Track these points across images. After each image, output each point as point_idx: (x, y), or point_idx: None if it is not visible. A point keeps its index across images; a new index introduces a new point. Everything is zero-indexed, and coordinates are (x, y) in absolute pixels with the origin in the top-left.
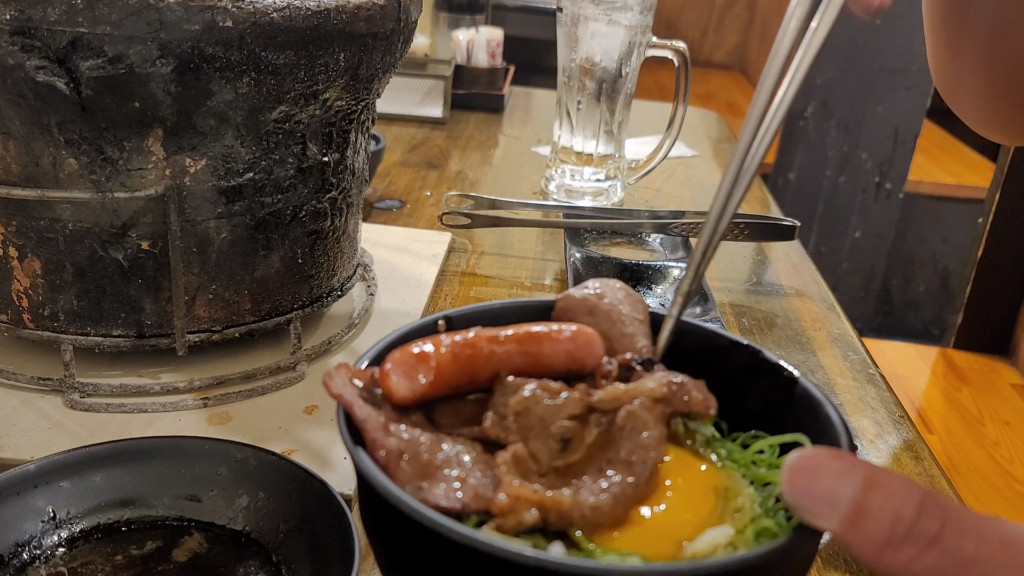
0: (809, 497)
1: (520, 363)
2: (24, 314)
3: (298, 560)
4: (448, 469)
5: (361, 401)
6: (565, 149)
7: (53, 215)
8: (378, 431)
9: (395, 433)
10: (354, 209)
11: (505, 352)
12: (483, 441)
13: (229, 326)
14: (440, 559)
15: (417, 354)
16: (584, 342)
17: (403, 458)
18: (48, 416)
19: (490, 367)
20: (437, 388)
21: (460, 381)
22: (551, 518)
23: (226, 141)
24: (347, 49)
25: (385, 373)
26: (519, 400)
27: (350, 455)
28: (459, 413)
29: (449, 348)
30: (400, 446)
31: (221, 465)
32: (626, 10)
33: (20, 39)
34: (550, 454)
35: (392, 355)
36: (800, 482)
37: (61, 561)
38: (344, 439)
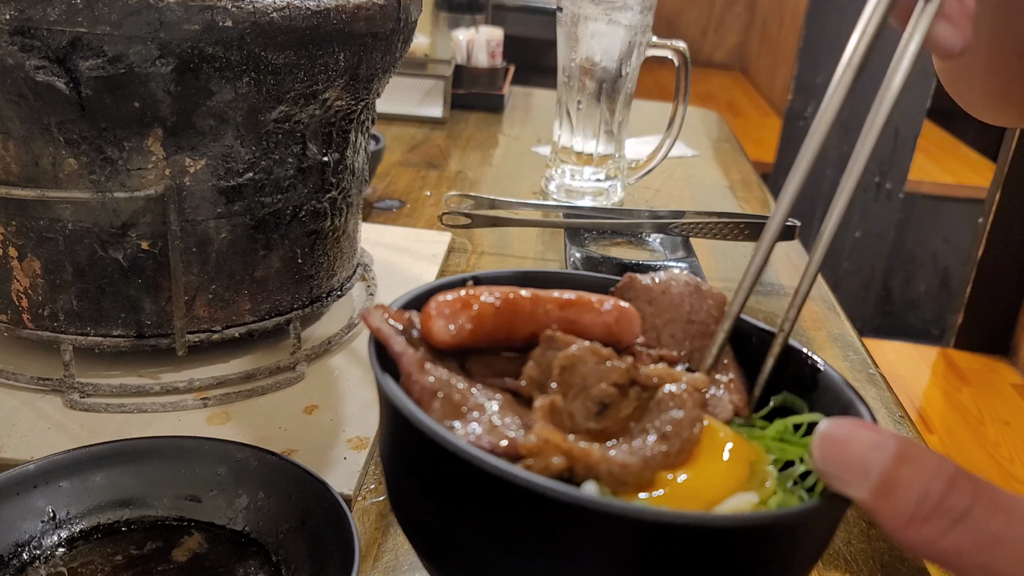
0: (840, 464)
1: (559, 327)
2: (24, 314)
3: (298, 560)
4: (479, 412)
5: (400, 337)
6: (565, 149)
7: (53, 215)
8: (414, 367)
9: (431, 371)
10: (354, 209)
11: (545, 313)
12: (514, 394)
13: (229, 326)
14: (471, 493)
15: (463, 299)
16: (623, 318)
17: (437, 396)
18: (48, 416)
19: (529, 326)
20: (477, 337)
21: (498, 335)
22: (578, 469)
23: (226, 141)
24: (347, 49)
25: (428, 314)
26: (567, 355)
27: (380, 386)
28: (491, 365)
29: (493, 299)
30: (434, 384)
31: (221, 465)
32: (626, 10)
33: (20, 39)
34: (586, 415)
35: (436, 298)
36: (832, 449)
37: (61, 561)
38: (375, 371)
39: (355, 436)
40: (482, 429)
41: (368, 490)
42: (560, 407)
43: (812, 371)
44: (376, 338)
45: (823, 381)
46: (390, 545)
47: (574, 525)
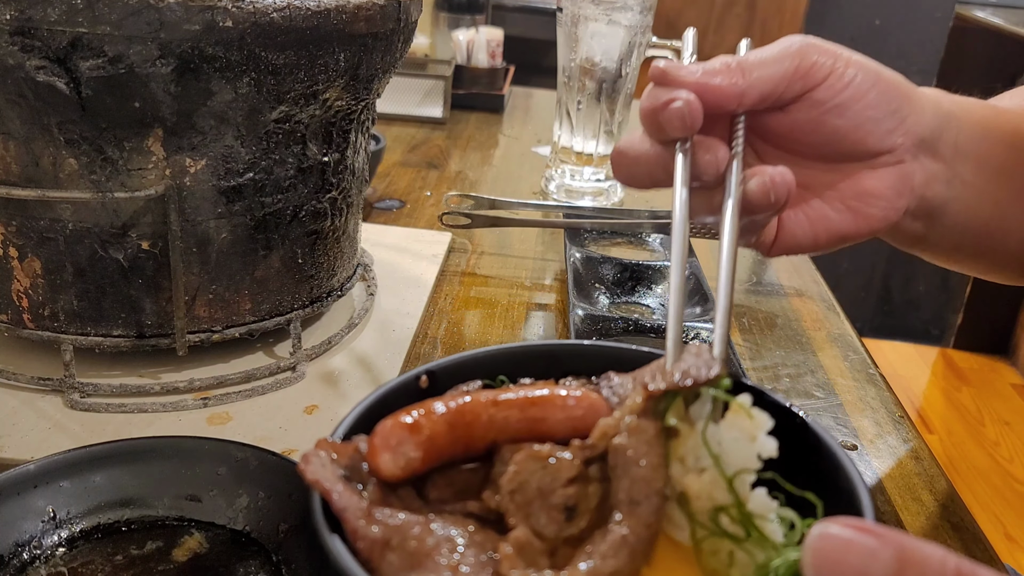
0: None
1: (520, 429)
2: (24, 314)
3: (298, 560)
4: (439, 556)
5: (341, 486)
6: (565, 149)
7: (53, 215)
8: (360, 520)
9: (379, 520)
10: (354, 209)
11: (504, 419)
12: (477, 517)
13: (229, 326)
14: None
15: (409, 425)
16: (589, 408)
17: (389, 548)
18: (48, 416)
19: (488, 435)
20: (430, 461)
21: (455, 451)
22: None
23: (226, 141)
24: (347, 49)
25: (374, 449)
26: (511, 476)
27: (326, 548)
28: (452, 483)
29: (444, 417)
30: (385, 534)
31: (221, 465)
32: (626, 10)
33: (20, 39)
34: (557, 527)
35: (381, 427)
36: (826, 563)
37: (61, 561)
38: (319, 528)
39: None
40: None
41: None
42: (525, 541)
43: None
44: (316, 491)
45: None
46: None
47: None
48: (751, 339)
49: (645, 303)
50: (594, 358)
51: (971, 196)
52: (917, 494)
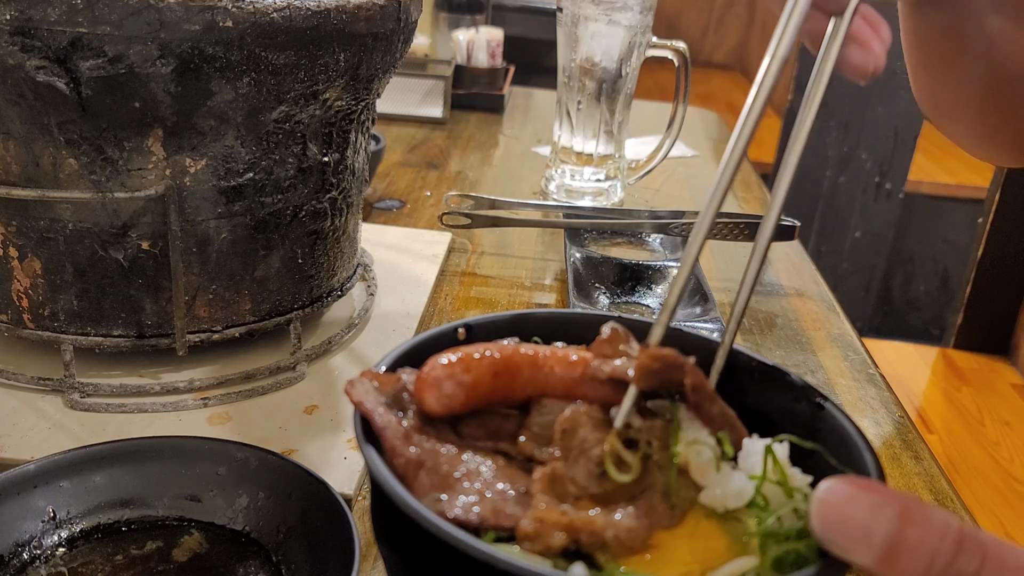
0: (841, 532)
1: (557, 388)
2: (24, 314)
3: (298, 560)
4: (468, 482)
5: (382, 408)
6: (565, 149)
7: (53, 215)
8: (398, 439)
9: (416, 442)
10: (354, 209)
11: (545, 375)
12: (506, 456)
13: (229, 326)
14: (454, 574)
15: (457, 365)
16: None
17: (422, 468)
18: (48, 416)
19: (527, 389)
20: (471, 404)
21: (493, 398)
22: (582, 539)
23: (226, 141)
24: (347, 49)
25: (421, 384)
26: (566, 419)
27: (365, 462)
28: (485, 425)
29: (490, 364)
30: (420, 456)
31: (221, 465)
32: (626, 10)
33: (20, 39)
34: (588, 478)
35: (432, 363)
36: (832, 516)
37: (61, 561)
38: (360, 444)
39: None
40: (473, 500)
41: (368, 490)
42: (560, 474)
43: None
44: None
45: (828, 422)
46: None
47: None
48: (751, 339)
49: (645, 303)
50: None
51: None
52: (917, 494)
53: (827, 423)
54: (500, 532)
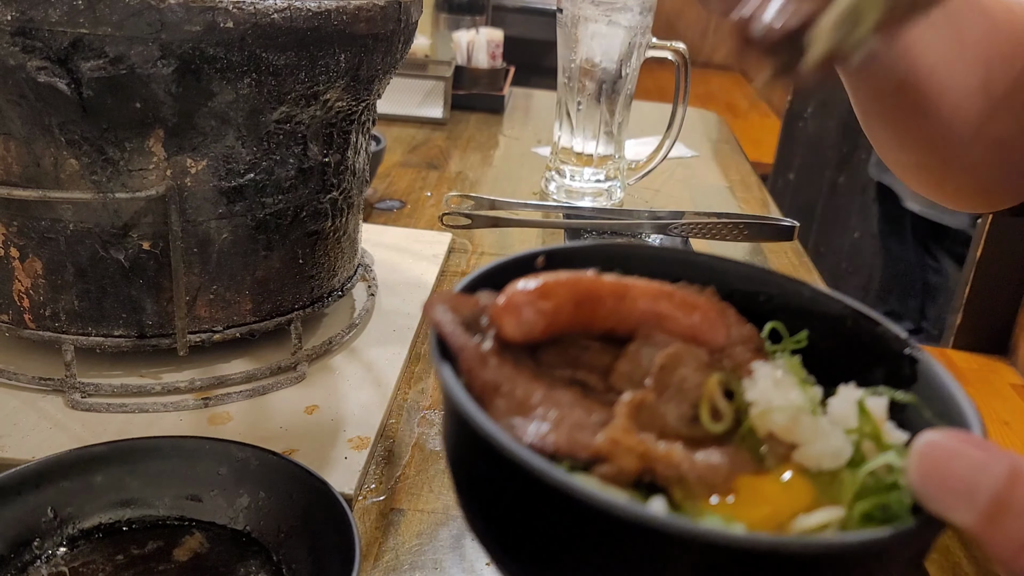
0: (942, 487)
1: (641, 322)
2: (25, 314)
3: (299, 560)
4: (545, 409)
5: (460, 329)
6: (565, 150)
7: (54, 215)
8: (475, 361)
9: (493, 366)
10: (355, 210)
11: (630, 308)
12: (585, 387)
13: (230, 326)
14: (526, 500)
15: (539, 291)
16: (713, 319)
17: (498, 392)
18: (49, 416)
19: (608, 321)
20: (550, 332)
21: (573, 327)
22: (658, 469)
23: (227, 142)
24: (348, 50)
25: (501, 309)
26: (669, 354)
27: (441, 382)
28: (565, 355)
29: (573, 293)
30: (496, 379)
31: (222, 465)
32: (626, 11)
33: (21, 40)
34: (680, 418)
35: (513, 287)
36: (932, 470)
37: (62, 561)
38: (435, 363)
39: (356, 436)
40: (548, 427)
41: (369, 490)
42: (650, 405)
43: (912, 364)
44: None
45: (924, 375)
46: (391, 545)
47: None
48: None
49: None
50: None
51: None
52: None
53: (923, 376)
54: (575, 463)
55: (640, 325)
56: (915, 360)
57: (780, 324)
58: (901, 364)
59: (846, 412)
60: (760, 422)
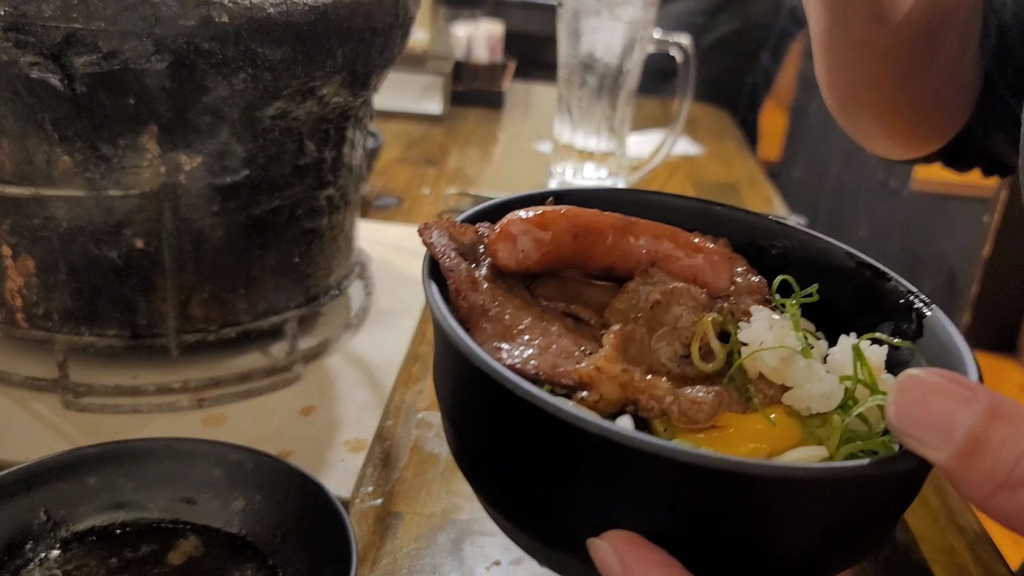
0: (919, 422)
1: (642, 261)
2: (17, 313)
3: (294, 564)
4: (531, 335)
5: (453, 253)
6: (566, 146)
7: (47, 213)
8: (464, 283)
9: (483, 290)
10: (351, 207)
11: (631, 245)
12: (579, 320)
13: (224, 326)
14: (501, 415)
15: (536, 222)
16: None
17: (486, 315)
18: (42, 417)
19: (608, 258)
20: (547, 263)
21: (572, 262)
22: (641, 401)
23: (221, 138)
24: (344, 45)
25: (497, 236)
26: (665, 290)
27: (428, 300)
28: (563, 288)
29: (572, 225)
30: (485, 303)
31: (216, 467)
32: (627, 5)
33: (14, 35)
34: (671, 356)
35: (511, 217)
36: (910, 405)
37: (55, 564)
38: (424, 283)
39: (352, 438)
40: (532, 352)
41: (366, 493)
42: (640, 338)
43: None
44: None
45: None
46: (388, 549)
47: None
48: None
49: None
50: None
51: None
52: (923, 496)
53: (929, 329)
54: (558, 389)
55: (641, 264)
56: (923, 314)
57: (791, 278)
58: (910, 317)
59: (845, 360)
60: (751, 363)
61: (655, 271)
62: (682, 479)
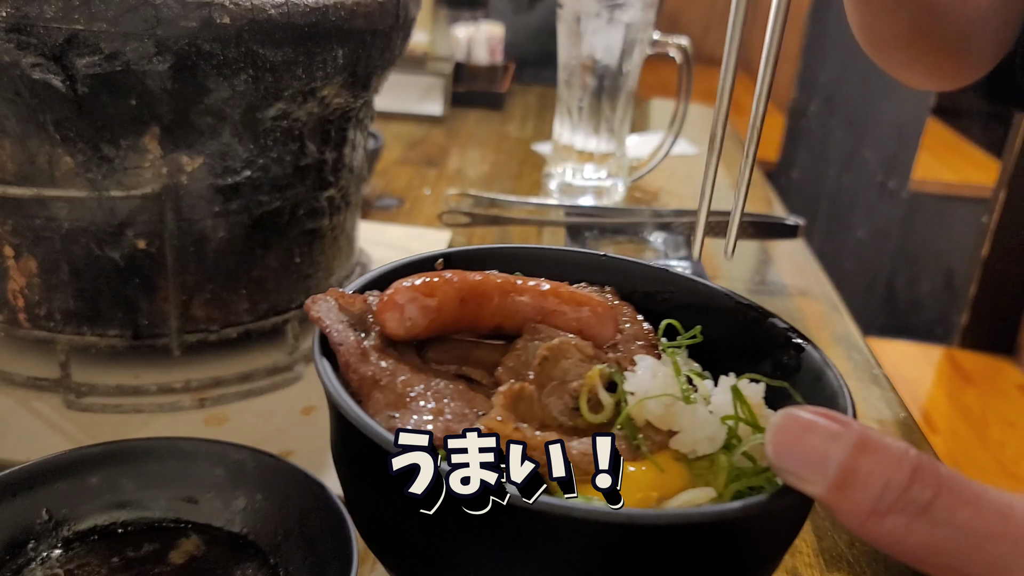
0: (795, 459)
1: (529, 318)
2: (20, 313)
3: (296, 563)
4: (424, 401)
5: (341, 326)
6: (566, 147)
7: (49, 214)
8: (354, 356)
9: (373, 361)
10: (352, 207)
11: (516, 304)
12: (471, 382)
13: (226, 326)
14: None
15: (421, 289)
16: (601, 313)
17: (377, 385)
18: (44, 417)
19: (496, 318)
20: (435, 329)
21: (460, 325)
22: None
23: (223, 139)
24: (345, 46)
25: (383, 306)
26: (551, 346)
27: (319, 376)
28: (452, 351)
29: (457, 290)
30: (375, 374)
31: (218, 467)
32: (627, 7)
33: (16, 36)
34: (562, 409)
35: (396, 286)
36: (786, 443)
37: (57, 563)
38: (315, 359)
39: None
40: (427, 419)
41: None
42: (529, 395)
43: (797, 352)
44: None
45: (807, 364)
46: None
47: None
48: None
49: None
50: (611, 271)
51: None
52: None
53: (806, 364)
54: None
55: (528, 321)
56: (801, 349)
57: (676, 321)
58: (788, 354)
59: (726, 400)
60: (637, 412)
61: (542, 327)
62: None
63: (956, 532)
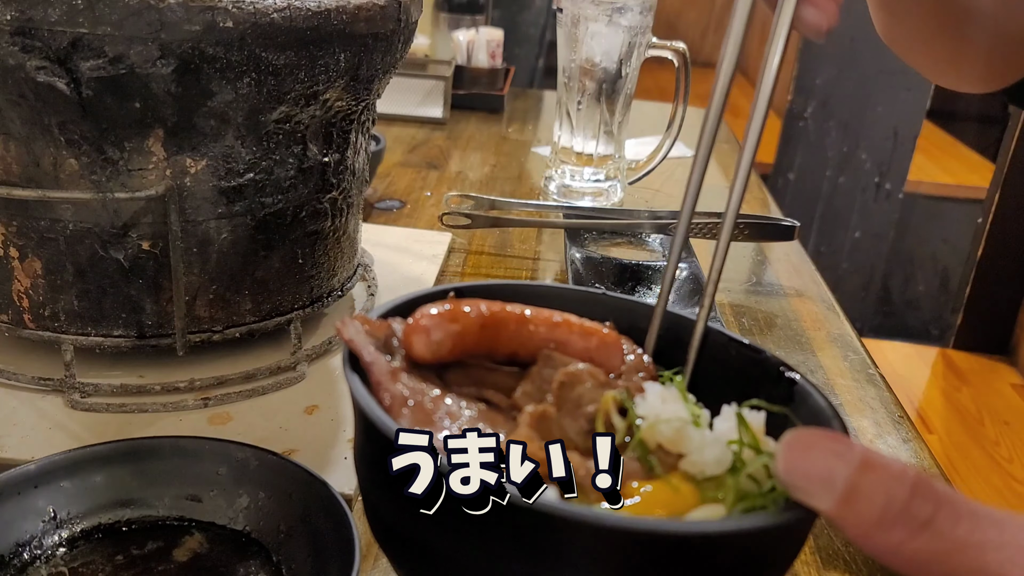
0: (803, 475)
1: (541, 347)
2: (25, 314)
3: (299, 560)
4: (450, 420)
5: (372, 347)
6: (565, 149)
7: (54, 215)
8: (384, 376)
9: (403, 381)
10: (354, 209)
11: (530, 333)
12: (491, 404)
13: (230, 326)
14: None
15: (447, 315)
16: (607, 344)
17: (407, 403)
18: (49, 416)
19: (511, 345)
20: (457, 352)
21: (479, 350)
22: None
23: (226, 141)
24: (347, 50)
25: (411, 329)
26: (568, 372)
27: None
28: (471, 375)
29: (478, 317)
30: (405, 393)
31: (222, 465)
32: (626, 11)
33: (21, 39)
34: (578, 431)
35: (423, 310)
36: (795, 460)
37: (62, 561)
38: (346, 375)
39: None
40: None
41: None
42: (551, 416)
43: (788, 383)
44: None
45: (800, 394)
46: None
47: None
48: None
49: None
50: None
51: None
52: None
53: (799, 395)
54: None
55: (541, 349)
56: (793, 382)
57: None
58: (780, 386)
59: (729, 427)
60: (649, 434)
61: (555, 354)
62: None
63: (954, 545)
